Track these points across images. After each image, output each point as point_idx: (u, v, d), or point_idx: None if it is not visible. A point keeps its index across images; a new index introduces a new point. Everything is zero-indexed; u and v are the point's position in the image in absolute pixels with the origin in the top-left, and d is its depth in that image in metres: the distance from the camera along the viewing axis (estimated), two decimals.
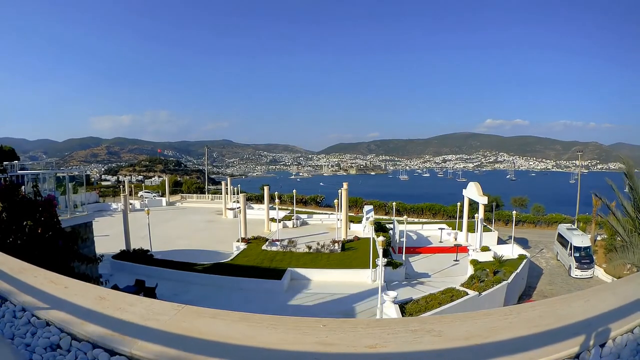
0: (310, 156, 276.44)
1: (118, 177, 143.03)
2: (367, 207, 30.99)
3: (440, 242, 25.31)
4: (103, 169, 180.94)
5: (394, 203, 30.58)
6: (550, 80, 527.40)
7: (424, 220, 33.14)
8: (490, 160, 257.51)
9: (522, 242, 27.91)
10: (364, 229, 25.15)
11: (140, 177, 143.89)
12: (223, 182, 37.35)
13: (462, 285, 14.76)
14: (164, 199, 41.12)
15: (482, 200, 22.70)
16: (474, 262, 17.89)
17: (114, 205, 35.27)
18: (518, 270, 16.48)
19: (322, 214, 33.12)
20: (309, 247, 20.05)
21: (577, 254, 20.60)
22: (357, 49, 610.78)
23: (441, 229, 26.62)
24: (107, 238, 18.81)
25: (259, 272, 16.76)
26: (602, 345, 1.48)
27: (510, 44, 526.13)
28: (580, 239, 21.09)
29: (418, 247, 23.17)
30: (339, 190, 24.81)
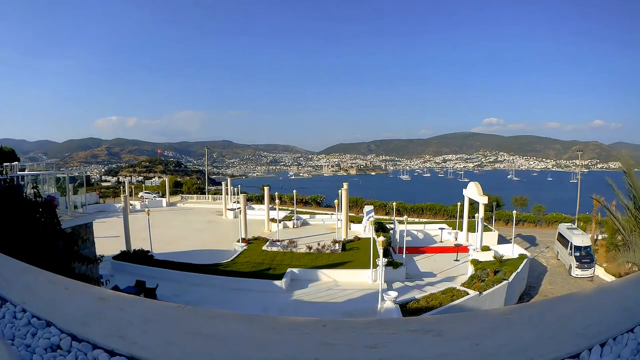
0: (310, 156, 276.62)
1: (118, 178, 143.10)
2: (367, 208, 31.00)
3: (441, 241, 25.32)
4: (103, 170, 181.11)
5: (394, 203, 30.57)
6: (550, 79, 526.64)
7: (424, 220, 33.17)
8: (491, 160, 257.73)
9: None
10: (364, 229, 25.16)
11: (140, 178, 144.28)
12: (223, 183, 37.36)
13: (463, 285, 14.78)
14: (164, 200, 41.15)
15: (483, 200, 22.71)
16: (475, 262, 17.90)
17: (117, 206, 35.26)
18: (518, 270, 16.49)
19: (322, 214, 33.14)
20: (310, 248, 20.06)
21: (578, 254, 20.59)
22: (357, 49, 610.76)
23: (442, 228, 26.63)
24: (106, 239, 18.73)
25: (259, 272, 16.78)
26: (603, 345, 1.48)
27: (508, 42, 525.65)
28: (580, 239, 21.09)
29: (418, 247, 23.17)
30: (339, 191, 24.82)
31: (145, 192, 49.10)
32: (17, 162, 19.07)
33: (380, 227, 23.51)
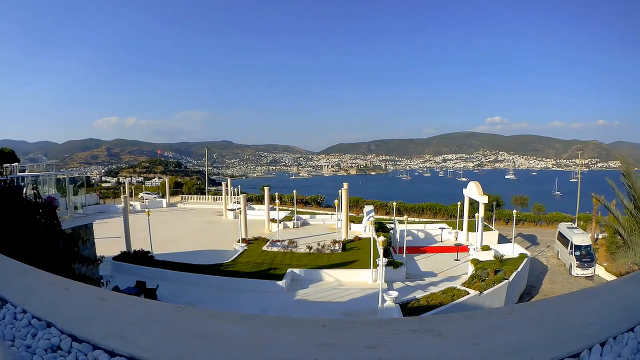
0: (310, 156, 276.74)
1: (118, 179, 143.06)
2: (367, 208, 31.00)
3: (441, 241, 25.32)
4: (103, 171, 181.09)
5: (394, 203, 30.57)
6: (551, 79, 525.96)
7: (424, 219, 33.15)
8: (491, 159, 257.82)
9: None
10: (364, 229, 25.17)
11: (140, 179, 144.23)
12: (223, 183, 37.37)
13: (463, 284, 14.77)
14: (164, 200, 41.16)
15: (483, 199, 22.70)
16: (475, 262, 17.89)
17: (118, 206, 35.20)
18: (519, 269, 16.48)
19: (322, 214, 33.15)
20: (310, 248, 20.06)
21: (578, 253, 20.59)
22: (357, 49, 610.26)
23: (442, 228, 26.63)
24: (108, 240, 18.73)
25: (259, 272, 16.78)
26: (603, 344, 1.48)
27: (507, 41, 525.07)
28: (580, 238, 21.08)
29: (419, 247, 23.17)
30: (339, 191, 24.82)
31: (146, 193, 49.12)
32: (17, 163, 19.07)
33: (380, 227, 23.51)
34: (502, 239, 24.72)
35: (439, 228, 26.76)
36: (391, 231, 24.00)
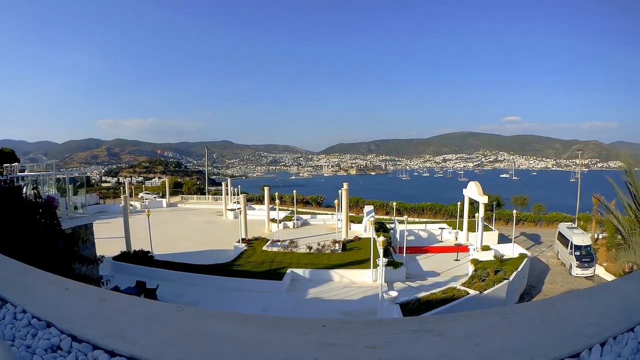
0: (310, 156, 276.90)
1: (118, 179, 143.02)
2: (367, 208, 30.99)
3: (441, 241, 25.31)
4: (103, 171, 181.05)
5: (394, 203, 30.55)
6: (550, 78, 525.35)
7: (424, 219, 33.12)
8: (491, 159, 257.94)
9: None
10: (365, 229, 25.16)
11: (140, 179, 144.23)
12: (223, 183, 37.36)
13: (463, 284, 14.75)
14: (164, 200, 41.15)
15: (483, 199, 22.69)
16: (475, 262, 17.87)
17: (120, 206, 35.18)
18: (519, 269, 16.46)
19: (323, 214, 33.13)
20: (310, 248, 20.05)
21: (578, 253, 20.57)
22: (358, 48, 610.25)
23: (442, 228, 26.61)
24: (109, 240, 18.69)
25: (259, 272, 16.77)
26: (603, 344, 1.48)
27: (506, 40, 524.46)
28: (580, 238, 21.06)
29: (419, 247, 23.16)
30: (340, 191, 24.81)
31: (146, 193, 49.09)
32: (17, 163, 19.06)
33: (380, 227, 23.50)
34: (503, 239, 24.70)
35: (439, 228, 26.74)
36: (391, 231, 23.99)
